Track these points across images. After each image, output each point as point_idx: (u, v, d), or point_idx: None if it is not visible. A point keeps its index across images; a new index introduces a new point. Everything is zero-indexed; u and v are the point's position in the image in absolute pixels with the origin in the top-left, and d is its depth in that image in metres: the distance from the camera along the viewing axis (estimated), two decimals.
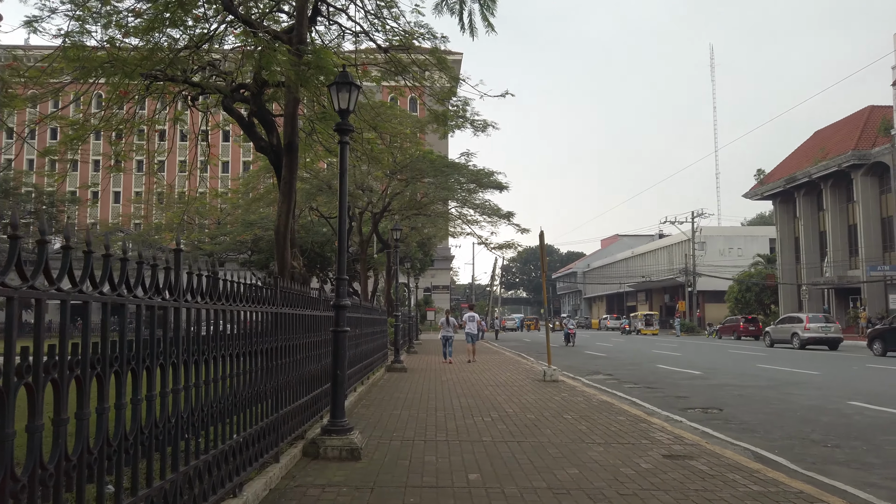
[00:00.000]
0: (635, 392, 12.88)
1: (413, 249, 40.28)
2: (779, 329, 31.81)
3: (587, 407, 9.96)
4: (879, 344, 24.17)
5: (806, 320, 30.00)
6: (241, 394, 4.49)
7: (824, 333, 28.98)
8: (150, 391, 3.10)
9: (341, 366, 6.26)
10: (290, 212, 11.88)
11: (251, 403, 4.73)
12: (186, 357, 3.57)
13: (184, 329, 3.67)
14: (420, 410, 9.42)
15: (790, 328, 30.71)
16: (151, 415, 3.13)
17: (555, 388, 12.55)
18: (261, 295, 5.03)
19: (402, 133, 19.11)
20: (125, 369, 2.85)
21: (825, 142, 48.08)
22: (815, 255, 48.47)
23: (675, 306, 69.71)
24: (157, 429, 3.19)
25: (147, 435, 3.06)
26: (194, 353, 3.68)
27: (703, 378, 15.69)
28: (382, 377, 14.66)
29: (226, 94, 15.21)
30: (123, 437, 2.82)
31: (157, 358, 3.22)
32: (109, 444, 2.70)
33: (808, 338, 29.14)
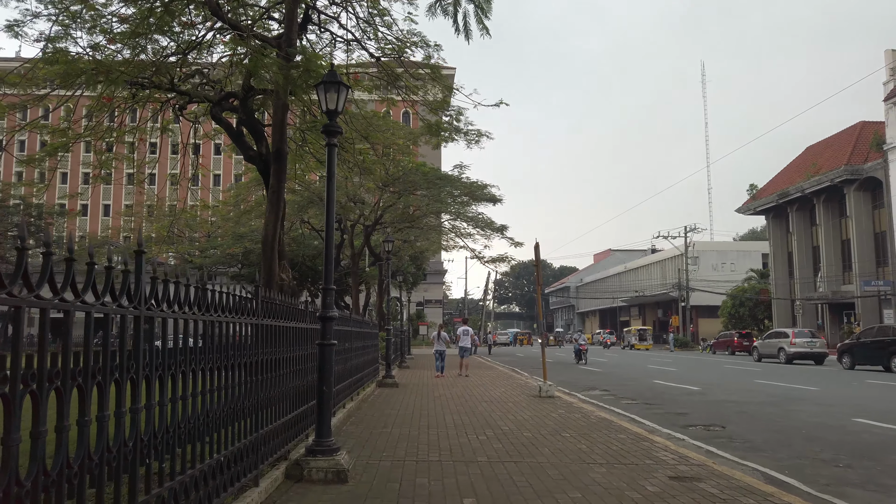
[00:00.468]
0: (634, 408, 12.50)
1: (405, 263, 39.89)
2: (766, 344, 32.08)
3: (586, 424, 9.57)
4: (848, 358, 25.07)
5: (792, 335, 30.25)
6: (215, 413, 4.10)
7: (810, 348, 29.33)
8: (101, 411, 2.72)
9: (327, 381, 5.87)
10: (278, 221, 11.51)
11: (227, 423, 4.33)
12: (148, 372, 3.18)
13: (149, 341, 3.29)
14: (412, 428, 9.00)
15: (777, 343, 30.94)
16: (103, 438, 2.74)
17: (551, 405, 12.15)
18: (239, 305, 4.66)
19: (394, 144, 18.78)
20: (69, 386, 2.47)
21: (817, 157, 48.20)
22: (808, 270, 48.39)
23: (668, 321, 69.48)
24: (109, 454, 2.80)
25: (97, 462, 2.67)
26: (158, 368, 3.29)
27: (702, 394, 15.33)
28: (373, 393, 14.22)
29: (214, 102, 14.89)
30: (65, 464, 2.43)
31: (112, 373, 2.84)
32: (47, 475, 2.31)
33: (793, 352, 29.43)
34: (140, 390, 3.26)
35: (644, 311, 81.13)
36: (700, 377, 20.79)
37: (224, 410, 4.29)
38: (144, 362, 3.13)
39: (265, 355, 5.32)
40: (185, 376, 3.66)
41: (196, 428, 3.85)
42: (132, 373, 3.02)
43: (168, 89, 14.59)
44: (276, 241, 11.39)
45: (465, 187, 27.29)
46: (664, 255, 74.23)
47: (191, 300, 3.69)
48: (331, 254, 6.00)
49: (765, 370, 24.70)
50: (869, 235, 42.84)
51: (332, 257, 6.02)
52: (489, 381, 17.98)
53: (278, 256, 15.03)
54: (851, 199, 42.98)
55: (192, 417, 3.78)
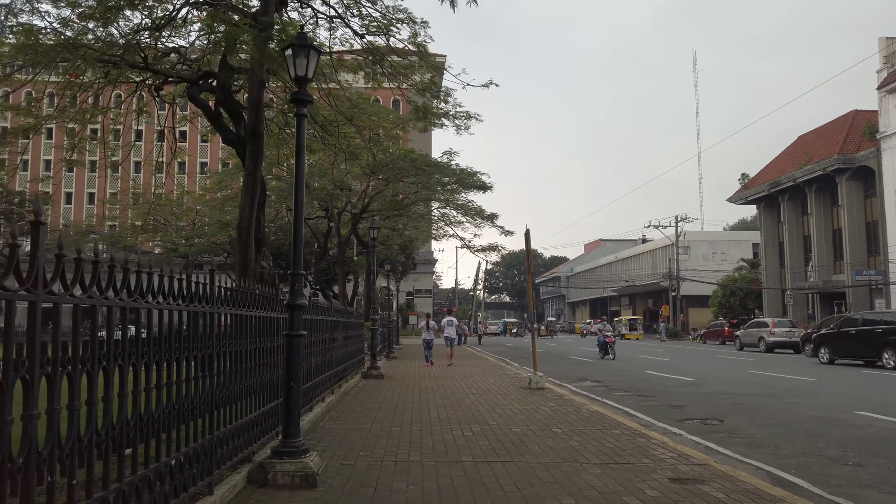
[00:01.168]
0: (627, 401, 12.04)
1: (394, 252, 39.30)
2: (748, 333, 32.56)
3: (578, 419, 9.09)
4: (828, 350, 22.44)
5: (772, 325, 31.01)
6: (151, 415, 3.54)
7: (789, 337, 29.91)
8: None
9: (295, 376, 5.32)
10: (254, 205, 10.90)
11: (170, 425, 3.78)
12: (51, 369, 2.62)
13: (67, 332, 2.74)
14: (393, 423, 8.48)
15: (758, 332, 31.57)
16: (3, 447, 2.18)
17: (541, 397, 11.67)
18: (189, 291, 4.09)
19: (381, 128, 18.15)
20: None
21: (809, 146, 47.91)
22: (799, 259, 48.22)
23: (658, 311, 69.41)
24: (12, 465, 2.24)
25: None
26: (67, 364, 2.73)
27: (696, 385, 14.91)
28: (357, 385, 13.69)
29: (191, 82, 14.20)
30: None
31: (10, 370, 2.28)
32: None
33: (773, 341, 30.05)
34: (58, 390, 2.71)
35: (634, 301, 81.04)
36: (693, 368, 20.40)
37: (166, 411, 3.73)
38: (46, 357, 2.57)
39: (223, 347, 4.76)
40: (107, 374, 3.10)
41: (125, 434, 3.30)
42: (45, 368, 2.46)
43: (142, 68, 13.90)
44: (251, 226, 10.80)
45: (455, 174, 26.71)
46: (655, 245, 74.01)
47: (115, 284, 3.12)
48: (300, 235, 5.43)
49: (757, 360, 24.38)
50: (861, 225, 42.64)
51: (300, 239, 5.45)
52: (478, 373, 17.50)
53: (258, 243, 14.43)
54: (843, 189, 42.73)
55: (120, 422, 3.23)
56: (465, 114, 14.73)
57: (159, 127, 17.21)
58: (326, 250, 33.00)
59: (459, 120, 14.66)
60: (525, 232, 13.48)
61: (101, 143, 15.88)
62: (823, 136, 47.57)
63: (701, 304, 64.04)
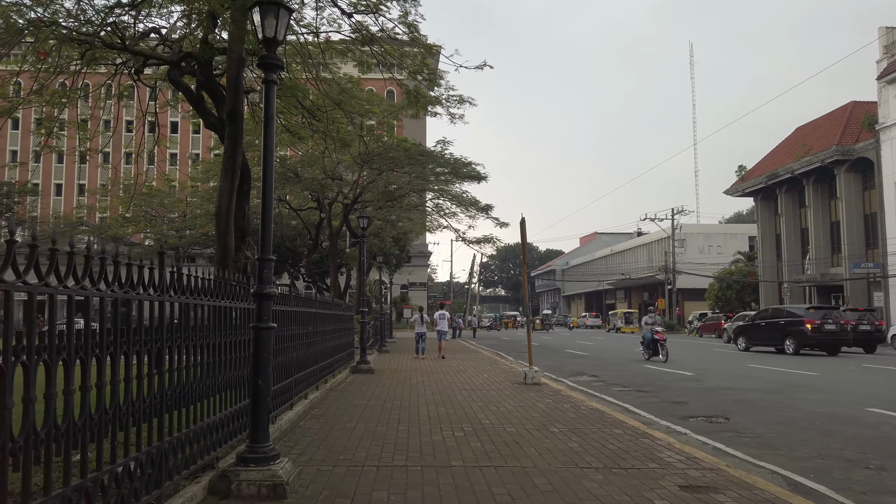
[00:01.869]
0: (626, 396, 11.53)
1: (388, 245, 38.67)
2: (734, 326, 32.21)
3: (576, 416, 8.56)
4: (744, 340, 26.00)
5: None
6: (86, 418, 2.98)
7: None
8: None
9: (264, 374, 4.76)
10: (234, 191, 10.30)
11: (101, 432, 3.21)
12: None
13: None
14: (379, 422, 7.93)
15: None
16: None
17: (537, 393, 11.14)
18: (131, 276, 3.52)
19: (371, 113, 17.53)
20: None
21: (807, 138, 47.45)
22: (796, 252, 47.83)
23: (654, 304, 69.02)
24: None
25: None
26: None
27: (697, 380, 14.42)
28: (345, 380, 13.14)
29: (172, 63, 13.58)
30: None
31: None
32: None
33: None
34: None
35: (630, 295, 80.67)
36: (692, 362, 19.93)
37: (99, 415, 3.17)
38: None
39: (176, 341, 4.19)
40: (29, 370, 2.53)
41: (52, 438, 2.74)
42: None
43: (120, 49, 13.27)
44: (231, 212, 10.21)
45: (449, 164, 26.10)
46: (651, 238, 73.62)
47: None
48: (268, 214, 4.87)
49: (757, 354, 23.93)
50: (859, 217, 42.24)
51: (269, 219, 4.89)
52: (472, 367, 16.97)
53: (243, 232, 13.84)
54: (842, 180, 42.30)
55: (48, 425, 2.67)
56: (458, 98, 14.15)
57: (141, 113, 16.55)
58: (318, 242, 32.33)
59: (452, 104, 14.09)
60: (520, 221, 12.93)
61: (73, 126, 15.24)
62: (822, 128, 47.11)
63: (697, 298, 63.70)
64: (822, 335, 22.74)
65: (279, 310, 7.50)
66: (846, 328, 23.78)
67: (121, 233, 39.01)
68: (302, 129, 18.47)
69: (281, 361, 7.44)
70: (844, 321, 24.14)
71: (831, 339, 22.99)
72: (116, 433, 3.37)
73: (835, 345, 23.22)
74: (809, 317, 23.50)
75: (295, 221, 35.24)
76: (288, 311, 7.87)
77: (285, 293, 7.82)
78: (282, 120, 17.47)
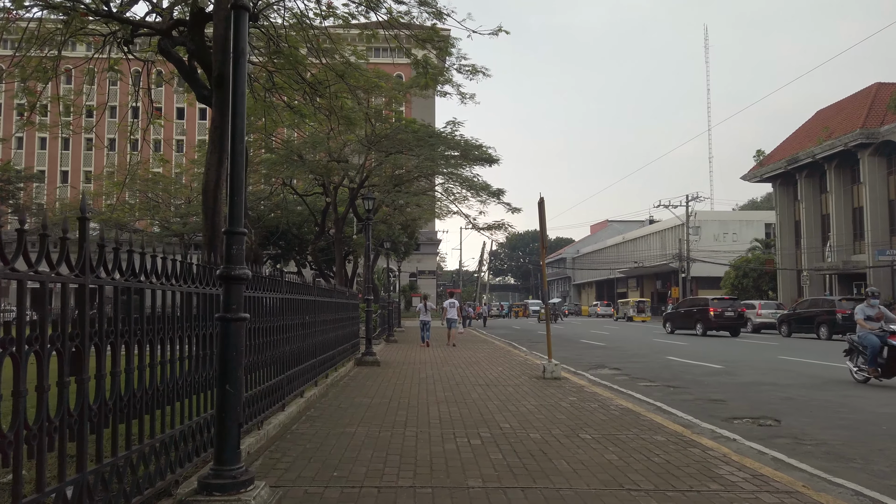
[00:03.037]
0: (656, 393, 10.48)
1: (396, 232, 37.60)
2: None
3: (607, 418, 7.52)
4: (671, 324, 32.14)
5: (759, 307, 33.45)
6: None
7: (774, 319, 31.62)
8: None
9: (232, 377, 3.74)
10: (223, 164, 9.26)
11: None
12: None
13: None
14: (383, 426, 6.92)
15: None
16: None
17: (558, 389, 10.11)
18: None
19: (378, 87, 16.44)
20: None
21: (829, 121, 45.89)
22: (816, 239, 46.42)
23: (667, 293, 67.75)
24: None
25: None
26: None
27: (728, 374, 13.34)
28: (349, 373, 12.16)
29: (161, 33, 12.53)
30: None
31: None
32: None
33: (760, 322, 32.31)
34: None
35: (642, 283, 79.37)
36: (716, 353, 18.83)
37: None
38: None
39: (120, 335, 3.18)
40: None
41: None
42: None
43: (106, 16, 12.25)
44: (219, 188, 9.18)
45: (459, 146, 24.97)
46: (664, 226, 72.21)
47: None
48: (239, 172, 3.84)
49: (783, 345, 22.81)
50: (883, 202, 40.78)
51: (240, 181, 3.86)
52: (485, 359, 15.96)
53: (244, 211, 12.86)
54: (865, 165, 40.80)
55: None
56: (472, 67, 13.02)
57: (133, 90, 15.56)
58: (324, 229, 31.30)
59: (465, 74, 12.96)
60: (539, 201, 11.84)
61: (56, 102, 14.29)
62: (844, 111, 45.52)
63: (711, 286, 62.35)
64: (722, 321, 28.37)
65: (269, 297, 6.49)
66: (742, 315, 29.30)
67: (123, 219, 38.16)
68: (304, 107, 17.41)
69: (271, 357, 6.44)
70: (742, 308, 29.84)
71: (731, 324, 28.40)
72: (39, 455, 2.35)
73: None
74: (714, 305, 28.88)
75: (300, 207, 34.26)
76: (280, 299, 6.86)
77: (276, 277, 6.81)
78: (284, 97, 16.44)
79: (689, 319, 30.13)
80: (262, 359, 6.12)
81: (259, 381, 6.00)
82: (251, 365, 5.77)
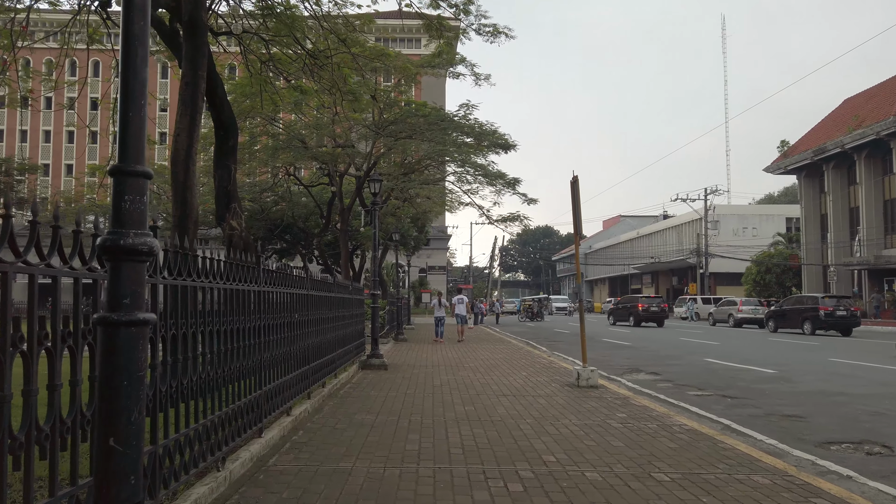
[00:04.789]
0: (715, 406, 8.81)
1: (406, 225, 35.98)
2: (720, 310, 36.96)
3: (677, 446, 5.87)
4: (613, 317, 38.33)
5: (739, 303, 35.12)
6: None
7: (754, 314, 33.58)
8: None
9: (119, 424, 2.11)
10: (195, 128, 7.64)
11: None
12: None
13: None
14: (390, 459, 5.29)
15: (727, 309, 35.89)
16: None
17: (600, 401, 8.46)
18: None
19: (385, 56, 14.79)
20: None
21: (858, 109, 43.82)
22: (844, 233, 44.40)
23: (683, 289, 65.78)
24: None
25: None
26: None
27: (785, 380, 11.64)
28: (351, 379, 10.57)
29: None
30: None
31: None
32: None
33: (741, 318, 34.02)
34: None
35: (657, 279, 77.40)
36: (755, 354, 17.08)
37: None
38: None
39: None
40: None
41: None
42: None
43: None
44: (191, 159, 7.59)
45: (473, 130, 23.28)
46: (681, 220, 70.17)
47: None
48: (138, 77, 2.24)
49: (823, 344, 21.04)
50: None
51: (140, 89, 2.26)
52: (504, 361, 14.33)
53: (227, 198, 11.31)
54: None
55: None
56: (492, 28, 11.33)
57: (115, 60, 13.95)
58: (330, 221, 29.71)
59: (485, 35, 11.29)
60: (572, 179, 10.18)
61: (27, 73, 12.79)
62: (874, 98, 43.45)
63: (730, 282, 60.38)
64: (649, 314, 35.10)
65: (240, 290, 4.90)
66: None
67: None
68: (304, 82, 15.78)
69: (241, 368, 4.85)
70: (664, 304, 36.67)
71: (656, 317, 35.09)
72: None
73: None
74: (643, 302, 36.26)
75: (305, 199, 32.70)
76: (254, 293, 5.26)
77: (249, 263, 5.20)
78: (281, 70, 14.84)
79: (626, 312, 36.48)
80: (227, 372, 4.52)
81: (221, 402, 4.41)
82: (208, 382, 4.17)
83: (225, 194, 10.99)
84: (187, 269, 3.90)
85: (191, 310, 3.96)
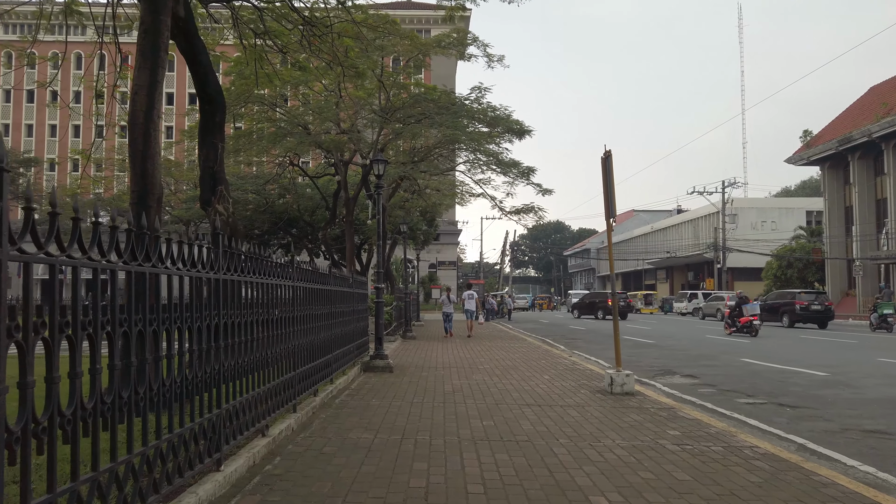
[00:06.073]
0: (776, 418, 7.46)
1: (415, 219, 34.69)
2: (709, 305, 38.17)
3: (761, 480, 4.53)
4: (577, 311, 40.51)
5: (727, 299, 35.15)
6: None
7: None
8: None
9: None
10: (156, 84, 6.35)
11: None
12: None
13: None
14: (390, 501, 4.00)
15: (715, 304, 36.94)
16: None
17: (643, 413, 7.12)
18: None
19: (391, 24, 13.47)
20: None
21: (886, 97, 42.03)
22: (871, 226, 42.61)
23: (699, 284, 64.14)
24: None
25: None
26: None
27: (845, 385, 10.26)
28: (351, 384, 9.29)
29: None
30: None
31: None
32: None
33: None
34: None
35: (672, 274, 75.69)
36: (792, 354, 15.65)
37: None
38: None
39: None
40: None
41: None
42: None
43: None
44: (150, 122, 6.30)
45: (485, 115, 21.91)
46: (696, 214, 68.44)
47: None
48: None
49: (862, 342, 19.59)
50: None
51: None
52: (522, 361, 13.01)
53: (214, 180, 10.06)
54: None
55: None
56: None
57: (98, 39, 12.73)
58: (336, 213, 28.45)
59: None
60: (603, 155, 8.84)
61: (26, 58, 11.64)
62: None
63: (748, 277, 58.62)
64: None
65: (202, 277, 3.61)
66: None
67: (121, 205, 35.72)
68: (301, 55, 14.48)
69: (181, 383, 3.56)
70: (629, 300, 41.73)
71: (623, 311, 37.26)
72: None
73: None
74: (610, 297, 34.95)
75: (311, 190, 31.48)
76: (211, 282, 3.98)
77: (225, 247, 3.91)
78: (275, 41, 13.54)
79: (592, 307, 39.23)
80: (158, 389, 3.24)
81: (145, 434, 3.12)
82: (119, 406, 2.89)
83: (210, 176, 9.74)
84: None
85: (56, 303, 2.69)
